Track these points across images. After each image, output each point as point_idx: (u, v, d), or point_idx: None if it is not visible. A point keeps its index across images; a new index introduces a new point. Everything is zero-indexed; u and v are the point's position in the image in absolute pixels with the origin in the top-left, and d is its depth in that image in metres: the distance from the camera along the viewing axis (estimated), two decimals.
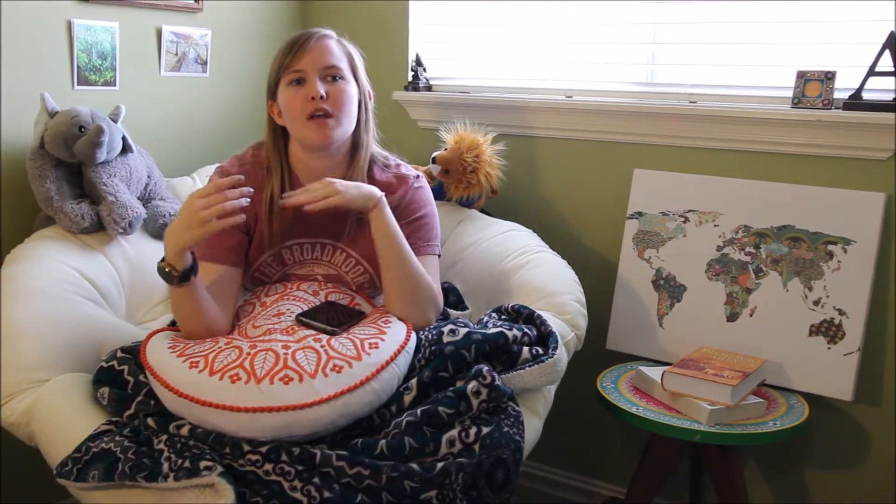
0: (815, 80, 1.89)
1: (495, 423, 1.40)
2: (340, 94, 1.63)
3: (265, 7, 2.51)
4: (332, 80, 1.63)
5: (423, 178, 1.79)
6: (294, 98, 1.61)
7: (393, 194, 1.71)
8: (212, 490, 1.26)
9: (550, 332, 1.62)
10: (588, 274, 2.05)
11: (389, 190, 1.71)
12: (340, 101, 1.62)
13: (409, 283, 1.62)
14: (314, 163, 1.68)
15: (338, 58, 1.65)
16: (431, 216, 1.76)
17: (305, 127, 1.61)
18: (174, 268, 1.47)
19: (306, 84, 1.61)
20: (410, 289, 1.62)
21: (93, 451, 1.37)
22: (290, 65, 1.61)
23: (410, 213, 1.72)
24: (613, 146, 2.19)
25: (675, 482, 2.19)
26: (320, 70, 1.61)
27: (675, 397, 1.78)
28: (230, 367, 1.38)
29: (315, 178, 1.66)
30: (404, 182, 1.74)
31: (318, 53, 1.62)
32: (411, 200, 1.73)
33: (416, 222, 1.71)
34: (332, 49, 1.64)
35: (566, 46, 2.29)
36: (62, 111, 1.87)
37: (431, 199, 1.79)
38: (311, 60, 1.61)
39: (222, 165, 1.73)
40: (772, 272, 1.94)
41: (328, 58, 1.63)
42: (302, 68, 1.61)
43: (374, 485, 1.29)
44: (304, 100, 1.60)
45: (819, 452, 2.02)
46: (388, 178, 1.74)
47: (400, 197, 1.72)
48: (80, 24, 2.01)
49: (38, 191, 1.86)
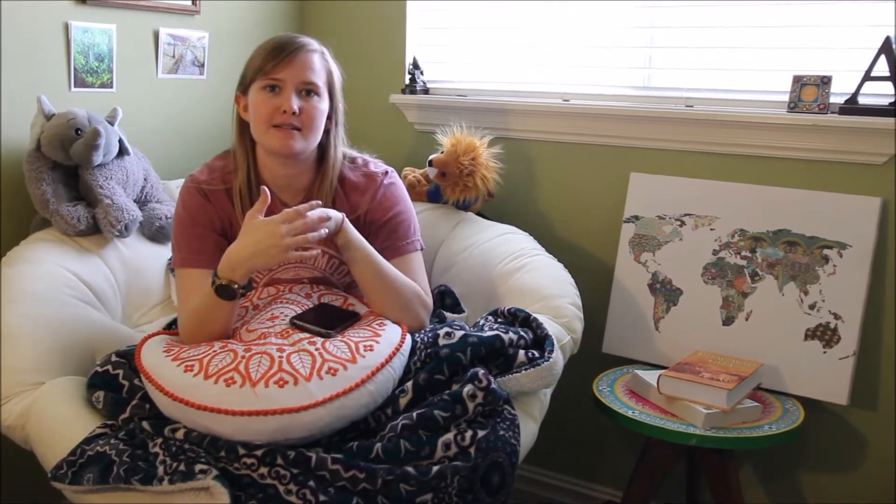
0: (811, 84, 1.89)
1: (491, 427, 1.40)
2: (312, 111, 1.62)
3: (263, 9, 2.52)
4: (307, 94, 1.62)
5: (393, 174, 1.77)
6: (265, 103, 1.61)
7: (364, 194, 1.71)
8: (207, 493, 1.26)
9: (546, 335, 1.61)
10: (584, 277, 2.05)
11: (360, 190, 1.71)
12: (311, 118, 1.62)
13: (390, 292, 1.62)
14: (278, 168, 1.68)
15: (317, 74, 1.64)
16: (406, 212, 1.75)
17: (268, 133, 1.61)
18: (237, 283, 1.49)
19: (281, 95, 1.60)
20: (394, 297, 1.62)
21: (88, 454, 1.37)
22: (269, 71, 1.60)
23: (384, 212, 1.71)
24: (610, 150, 2.19)
25: (672, 486, 2.19)
26: (298, 84, 1.61)
27: (671, 401, 1.78)
28: (225, 370, 1.38)
29: (281, 184, 1.69)
30: (373, 180, 1.73)
31: (300, 68, 1.61)
32: (383, 199, 1.72)
33: (391, 221, 1.71)
34: (314, 65, 1.63)
35: (563, 50, 2.29)
36: (59, 114, 1.87)
37: (404, 193, 1.77)
38: (292, 73, 1.60)
39: (193, 174, 1.72)
40: (768, 276, 1.95)
41: (308, 73, 1.62)
42: (281, 78, 1.60)
43: (370, 488, 1.29)
44: (275, 108, 1.59)
45: (815, 456, 2.02)
46: (358, 178, 1.74)
47: (371, 197, 1.71)
48: (77, 26, 2.01)
49: (35, 193, 1.86)
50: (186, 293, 1.63)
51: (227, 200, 1.68)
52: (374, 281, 1.62)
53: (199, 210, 1.66)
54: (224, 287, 1.49)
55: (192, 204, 1.67)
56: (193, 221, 1.66)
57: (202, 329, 1.53)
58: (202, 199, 1.67)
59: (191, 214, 1.66)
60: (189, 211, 1.66)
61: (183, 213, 1.67)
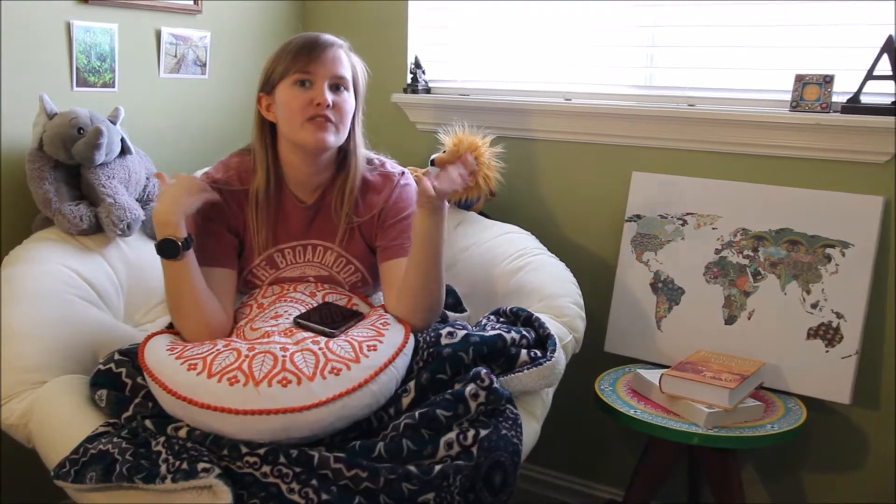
0: (813, 83, 1.89)
1: (493, 426, 1.40)
2: (343, 105, 1.63)
3: (264, 9, 2.52)
4: (337, 89, 1.63)
5: (408, 175, 1.78)
6: (297, 98, 1.61)
7: (380, 193, 1.71)
8: (209, 492, 1.26)
9: (549, 334, 1.62)
10: (586, 276, 2.05)
11: (377, 189, 1.72)
12: (342, 112, 1.63)
13: (429, 290, 1.60)
14: (302, 165, 1.68)
15: (346, 69, 1.65)
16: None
17: (303, 128, 1.61)
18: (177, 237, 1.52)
19: (313, 88, 1.61)
20: (428, 296, 1.60)
21: (90, 452, 1.37)
22: (302, 67, 1.60)
23: (399, 211, 1.71)
24: (612, 149, 2.19)
25: (673, 485, 2.19)
26: (330, 78, 1.62)
27: (673, 400, 1.78)
28: (228, 369, 1.38)
29: (302, 180, 1.69)
30: (390, 180, 1.74)
31: (332, 62, 1.62)
32: (398, 199, 1.72)
33: (403, 222, 1.70)
34: (343, 60, 1.65)
35: (565, 49, 2.29)
36: (61, 113, 1.87)
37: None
38: (324, 67, 1.61)
39: (208, 171, 1.74)
40: (770, 275, 1.95)
41: (339, 68, 1.63)
42: (313, 72, 1.60)
43: (372, 487, 1.29)
44: (308, 102, 1.60)
45: (817, 455, 2.02)
46: (375, 178, 1.74)
47: (387, 196, 1.72)
48: (79, 25, 2.01)
49: (37, 192, 1.86)
50: None
51: (243, 199, 1.68)
52: (428, 272, 1.58)
53: (212, 209, 1.66)
54: (164, 244, 1.52)
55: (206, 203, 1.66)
56: (206, 218, 1.66)
57: (179, 311, 1.56)
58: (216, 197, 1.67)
59: (204, 212, 1.65)
60: (203, 210, 1.65)
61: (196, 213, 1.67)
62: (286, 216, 1.70)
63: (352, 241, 1.71)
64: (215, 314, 1.57)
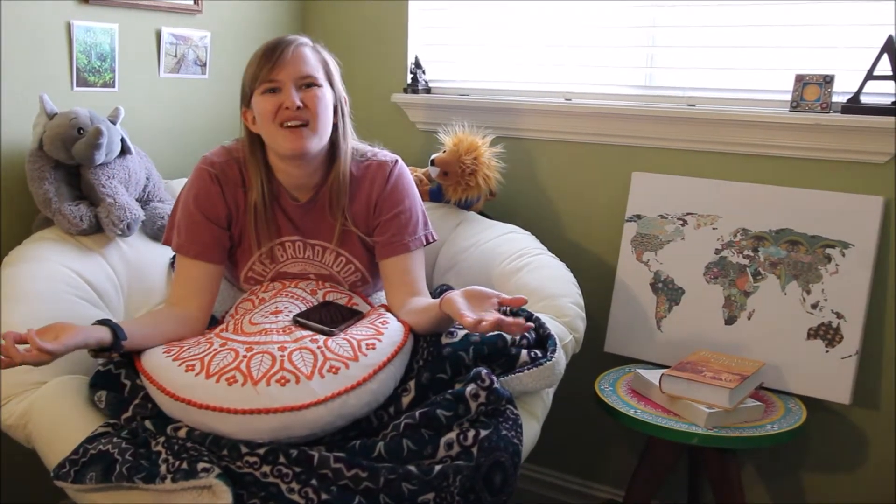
0: (813, 83, 1.89)
1: (493, 426, 1.40)
2: (315, 100, 1.60)
3: (264, 9, 2.52)
4: (307, 87, 1.61)
5: (401, 163, 1.76)
6: (268, 106, 1.60)
7: (373, 183, 1.70)
8: (209, 492, 1.26)
9: (549, 334, 1.62)
10: (586, 277, 2.05)
11: (371, 178, 1.70)
12: (316, 108, 1.60)
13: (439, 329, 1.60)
14: (293, 170, 1.68)
15: (313, 67, 1.63)
16: (414, 203, 1.73)
17: (278, 134, 1.60)
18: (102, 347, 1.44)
19: (281, 93, 1.59)
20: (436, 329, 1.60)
21: (90, 452, 1.37)
22: (265, 76, 1.59)
23: (395, 203, 1.70)
24: (612, 149, 2.19)
25: (673, 485, 2.19)
26: (296, 80, 1.60)
27: (673, 400, 1.78)
28: (227, 369, 1.38)
29: (296, 183, 1.69)
30: (383, 169, 1.72)
31: (294, 64, 1.60)
32: (393, 189, 1.71)
33: (401, 215, 1.70)
34: (307, 58, 1.63)
35: (565, 49, 2.29)
36: (61, 113, 1.87)
37: (412, 183, 1.76)
38: (287, 71, 1.59)
39: (207, 155, 1.72)
40: (770, 275, 1.95)
41: (303, 67, 1.61)
42: (278, 78, 1.59)
43: (372, 487, 1.29)
44: (278, 106, 1.59)
45: (817, 456, 2.02)
46: (369, 167, 1.72)
47: (381, 185, 1.70)
48: (79, 25, 2.01)
49: (37, 192, 1.86)
50: (177, 275, 1.68)
51: (240, 180, 1.68)
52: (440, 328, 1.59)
53: (206, 199, 1.66)
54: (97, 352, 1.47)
55: (202, 192, 1.66)
56: (199, 207, 1.66)
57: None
58: (212, 185, 1.67)
59: (197, 201, 1.66)
60: (197, 198, 1.66)
61: (190, 199, 1.67)
62: (283, 214, 1.70)
63: (349, 241, 1.71)
64: (177, 334, 1.57)
